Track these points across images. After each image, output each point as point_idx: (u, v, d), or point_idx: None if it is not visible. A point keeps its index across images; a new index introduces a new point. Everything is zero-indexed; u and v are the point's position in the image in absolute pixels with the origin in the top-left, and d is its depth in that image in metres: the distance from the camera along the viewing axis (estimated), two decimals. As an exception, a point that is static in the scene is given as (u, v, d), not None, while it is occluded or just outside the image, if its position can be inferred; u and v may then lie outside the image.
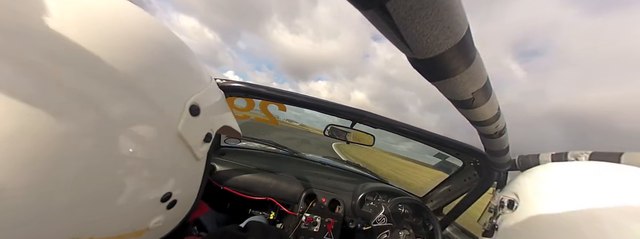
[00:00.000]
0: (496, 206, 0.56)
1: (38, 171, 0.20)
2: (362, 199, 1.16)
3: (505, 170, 0.79)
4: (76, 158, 0.22)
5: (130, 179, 0.28)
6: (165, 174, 0.33)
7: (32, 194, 0.20)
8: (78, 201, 0.23)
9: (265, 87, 0.88)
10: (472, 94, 0.31)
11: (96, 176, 0.24)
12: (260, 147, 1.57)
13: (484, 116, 0.40)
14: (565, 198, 0.40)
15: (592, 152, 0.57)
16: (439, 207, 1.26)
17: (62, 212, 0.23)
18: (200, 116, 0.36)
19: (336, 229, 1.08)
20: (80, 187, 0.23)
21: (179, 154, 0.34)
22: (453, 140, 0.94)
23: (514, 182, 0.58)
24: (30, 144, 0.19)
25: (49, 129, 0.20)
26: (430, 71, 0.27)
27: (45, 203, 0.21)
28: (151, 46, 0.30)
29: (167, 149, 0.32)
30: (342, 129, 1.19)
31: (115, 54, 0.26)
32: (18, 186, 0.19)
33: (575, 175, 0.44)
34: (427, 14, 0.18)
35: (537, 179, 0.50)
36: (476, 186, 1.03)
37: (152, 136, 0.29)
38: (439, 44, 0.21)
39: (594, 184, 0.40)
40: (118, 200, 0.27)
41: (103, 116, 0.24)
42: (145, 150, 0.28)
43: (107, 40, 0.25)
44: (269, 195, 1.08)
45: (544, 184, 0.47)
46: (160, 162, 0.31)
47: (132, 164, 0.27)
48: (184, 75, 0.35)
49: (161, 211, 0.35)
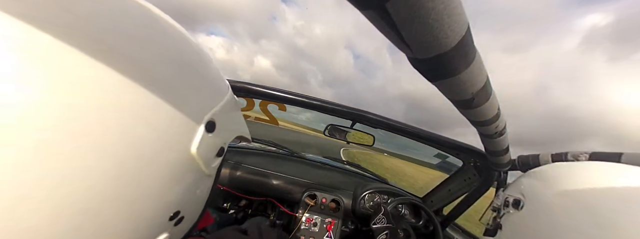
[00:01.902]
0: (500, 205, 0.56)
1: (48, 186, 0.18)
2: (362, 199, 1.16)
3: (505, 170, 0.79)
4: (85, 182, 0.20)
5: (138, 201, 0.25)
6: (174, 193, 0.30)
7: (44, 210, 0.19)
8: (79, 223, 0.21)
9: (265, 87, 0.88)
10: (472, 94, 0.31)
11: (102, 199, 0.22)
12: (260, 147, 1.57)
13: (484, 116, 0.40)
14: (574, 199, 0.40)
15: (591, 153, 0.57)
16: (439, 207, 1.26)
17: (68, 233, 0.21)
18: (215, 131, 0.33)
19: (336, 229, 1.08)
20: (85, 210, 0.21)
21: (189, 172, 0.32)
22: (453, 140, 0.94)
23: (518, 182, 0.58)
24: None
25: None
26: (431, 71, 0.27)
27: (54, 226, 0.19)
28: (174, 55, 0.27)
29: (178, 168, 0.29)
30: (342, 129, 1.19)
31: (144, 65, 0.23)
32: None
33: (583, 175, 0.44)
34: (427, 14, 0.18)
35: (545, 179, 0.50)
36: (476, 186, 1.02)
37: (164, 156, 0.26)
38: (439, 44, 0.21)
39: (602, 184, 0.40)
40: (125, 222, 0.25)
41: (121, 134, 0.22)
42: (155, 170, 0.26)
43: (138, 49, 0.23)
44: (269, 195, 1.08)
45: (552, 185, 0.47)
46: (169, 181, 0.28)
47: (141, 184, 0.25)
48: (203, 87, 0.32)
49: (168, 228, 0.33)
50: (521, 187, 0.54)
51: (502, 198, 0.56)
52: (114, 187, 0.22)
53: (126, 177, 0.23)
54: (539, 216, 0.44)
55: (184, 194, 0.32)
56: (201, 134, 0.30)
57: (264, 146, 1.59)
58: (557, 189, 0.45)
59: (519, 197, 0.51)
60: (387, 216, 0.94)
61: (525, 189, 0.52)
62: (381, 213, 0.96)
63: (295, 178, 1.17)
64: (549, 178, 0.49)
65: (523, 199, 0.50)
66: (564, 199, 0.42)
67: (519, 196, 0.51)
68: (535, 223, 0.44)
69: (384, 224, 0.92)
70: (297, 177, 1.19)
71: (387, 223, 0.92)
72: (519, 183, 0.57)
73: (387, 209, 0.97)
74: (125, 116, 0.22)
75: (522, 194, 0.51)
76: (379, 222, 0.94)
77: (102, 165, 0.21)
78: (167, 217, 0.31)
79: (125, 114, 0.22)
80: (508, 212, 0.52)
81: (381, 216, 0.96)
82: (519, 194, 0.52)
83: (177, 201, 0.32)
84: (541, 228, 0.43)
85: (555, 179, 0.48)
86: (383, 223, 0.93)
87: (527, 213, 0.47)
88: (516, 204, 0.50)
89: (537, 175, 0.54)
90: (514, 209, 0.50)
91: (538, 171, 0.56)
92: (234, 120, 0.41)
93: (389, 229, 0.89)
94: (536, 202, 0.47)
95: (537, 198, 0.47)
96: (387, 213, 0.95)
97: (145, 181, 0.25)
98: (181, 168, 0.29)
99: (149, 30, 0.26)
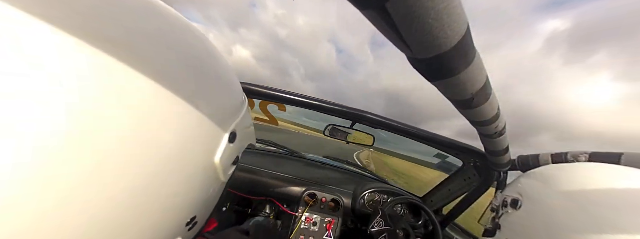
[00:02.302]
0: (499, 206, 0.56)
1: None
2: (362, 198, 1.16)
3: (505, 170, 0.79)
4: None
5: (164, 208, 0.26)
6: (195, 200, 0.31)
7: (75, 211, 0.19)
8: (115, 225, 0.21)
9: (265, 87, 0.88)
10: (472, 94, 0.31)
11: (136, 206, 0.22)
12: (261, 147, 1.57)
13: (484, 116, 0.40)
14: (573, 199, 0.40)
15: (591, 153, 0.57)
16: (439, 207, 1.26)
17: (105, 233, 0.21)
18: (236, 141, 0.34)
19: (336, 229, 1.08)
20: (121, 214, 0.21)
21: (210, 180, 0.32)
22: (453, 140, 0.94)
23: (517, 182, 0.58)
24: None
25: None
26: (430, 71, 0.27)
27: (83, 223, 0.20)
28: (209, 68, 0.28)
29: (201, 177, 0.29)
30: (342, 129, 1.19)
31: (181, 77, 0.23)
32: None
33: (581, 176, 0.44)
34: (427, 14, 0.18)
35: (543, 179, 0.50)
36: (476, 187, 1.02)
37: (192, 166, 0.27)
38: (439, 44, 0.21)
39: (601, 185, 0.40)
40: (149, 228, 0.25)
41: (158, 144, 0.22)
42: (183, 179, 0.26)
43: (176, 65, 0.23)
44: (269, 195, 1.08)
45: (551, 185, 0.47)
46: (193, 189, 0.29)
47: (169, 192, 0.25)
48: (230, 99, 0.33)
49: (183, 232, 0.34)
50: (519, 187, 0.54)
51: (501, 199, 0.56)
52: (144, 196, 0.23)
53: (156, 186, 0.24)
54: (538, 216, 0.44)
55: (202, 201, 0.33)
56: (225, 144, 0.31)
57: (264, 146, 1.60)
58: (556, 189, 0.45)
59: (517, 197, 0.51)
60: (384, 218, 0.94)
61: (523, 189, 0.52)
62: (378, 216, 0.96)
63: (295, 178, 1.18)
64: (548, 179, 0.49)
65: (521, 199, 0.50)
66: (563, 199, 0.42)
67: (517, 196, 0.51)
68: (534, 223, 0.44)
69: (382, 227, 0.92)
70: (297, 176, 1.19)
71: (385, 226, 0.91)
72: (517, 183, 0.57)
73: (385, 212, 0.96)
74: (162, 128, 0.23)
75: (520, 194, 0.51)
76: (377, 225, 0.94)
77: (141, 174, 0.22)
78: (186, 222, 0.32)
79: (163, 126, 0.23)
80: (507, 212, 0.52)
81: (379, 219, 0.95)
82: (517, 194, 0.52)
83: (196, 208, 0.32)
84: (540, 228, 0.43)
85: (553, 179, 0.48)
86: (381, 226, 0.92)
87: (525, 213, 0.47)
88: (515, 204, 0.50)
89: (536, 176, 0.54)
90: (513, 209, 0.50)
91: (537, 171, 0.56)
92: (249, 129, 0.42)
93: (388, 232, 0.89)
94: (535, 202, 0.47)
95: (536, 198, 0.47)
96: (384, 215, 0.95)
97: (172, 189, 0.26)
98: (204, 177, 0.30)
99: (187, 47, 0.26)
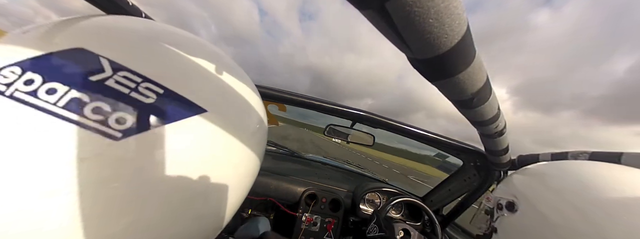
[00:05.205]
0: (493, 208, 0.54)
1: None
2: (362, 199, 1.16)
3: (505, 170, 0.79)
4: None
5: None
6: (230, 214, 0.40)
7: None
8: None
9: (264, 87, 0.87)
10: (472, 94, 0.31)
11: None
12: None
13: (484, 116, 0.40)
14: (571, 199, 0.39)
15: (592, 152, 0.57)
16: (439, 207, 1.26)
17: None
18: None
19: (336, 229, 1.08)
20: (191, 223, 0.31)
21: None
22: (453, 140, 0.94)
23: (509, 181, 0.56)
24: None
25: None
26: (430, 71, 0.27)
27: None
28: (260, 116, 0.43)
29: (242, 198, 0.42)
30: (342, 129, 1.19)
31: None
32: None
33: (579, 176, 0.43)
34: (427, 14, 0.18)
35: (538, 178, 0.49)
36: (476, 186, 1.02)
37: (242, 190, 0.40)
38: (439, 44, 0.21)
39: (599, 185, 0.39)
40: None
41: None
42: (235, 200, 0.39)
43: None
44: (270, 195, 1.08)
45: (547, 184, 0.46)
46: (235, 204, 0.40)
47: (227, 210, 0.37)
48: (264, 125, 0.44)
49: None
50: (512, 188, 0.52)
51: (495, 201, 0.54)
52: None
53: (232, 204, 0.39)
54: (535, 220, 0.43)
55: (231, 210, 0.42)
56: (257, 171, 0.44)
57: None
58: (554, 189, 0.44)
59: (512, 199, 0.49)
60: (379, 224, 0.93)
61: (518, 190, 0.50)
62: (373, 222, 0.96)
63: (295, 178, 1.17)
64: (543, 177, 0.48)
65: (517, 202, 0.48)
66: (560, 200, 0.41)
67: (512, 198, 0.50)
68: (531, 225, 0.43)
69: (377, 233, 0.91)
70: (297, 177, 1.19)
71: (379, 232, 0.91)
72: (510, 183, 0.55)
73: (380, 217, 0.96)
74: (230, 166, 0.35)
75: (515, 196, 0.49)
76: (372, 231, 0.94)
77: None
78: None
79: (230, 164, 0.35)
80: (502, 215, 0.50)
81: (373, 224, 0.95)
82: (512, 196, 0.50)
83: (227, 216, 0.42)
84: (537, 232, 0.42)
85: (550, 178, 0.47)
86: (376, 231, 0.92)
87: (522, 216, 0.46)
88: (510, 207, 0.49)
89: (528, 174, 0.53)
90: (509, 212, 0.49)
91: (527, 170, 0.55)
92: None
93: (382, 238, 0.89)
94: (531, 204, 0.46)
95: (532, 200, 0.46)
96: (379, 221, 0.94)
97: (228, 210, 0.37)
98: (242, 198, 0.42)
99: (246, 94, 0.40)
